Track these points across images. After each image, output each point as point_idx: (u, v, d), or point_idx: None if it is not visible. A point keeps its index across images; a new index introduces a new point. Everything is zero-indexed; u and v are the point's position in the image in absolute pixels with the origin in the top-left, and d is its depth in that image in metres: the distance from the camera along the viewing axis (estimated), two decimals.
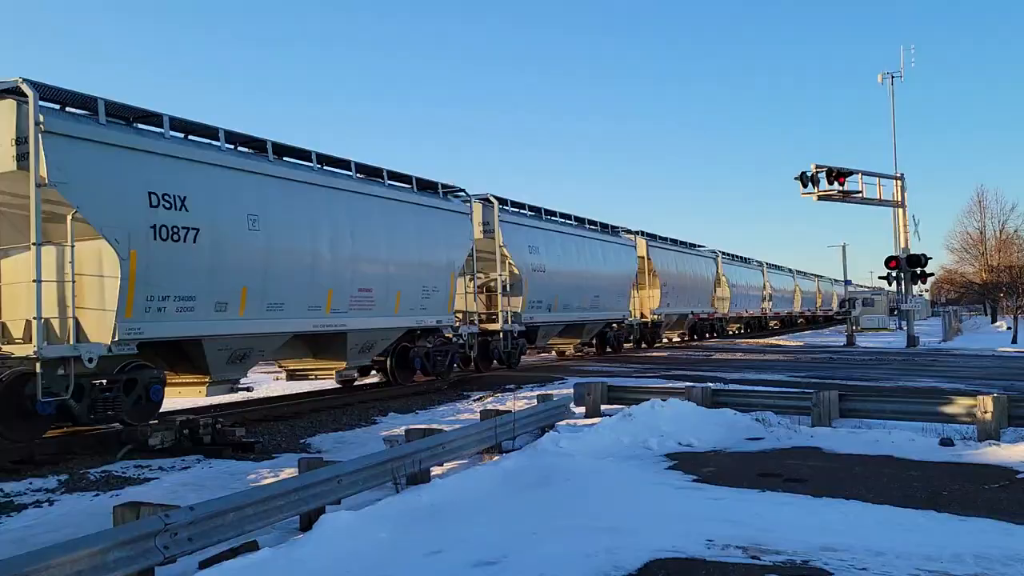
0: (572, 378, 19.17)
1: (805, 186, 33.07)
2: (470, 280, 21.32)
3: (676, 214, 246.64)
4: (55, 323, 11.06)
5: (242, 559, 6.04)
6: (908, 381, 19.20)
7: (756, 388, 15.96)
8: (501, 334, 22.42)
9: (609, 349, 30.98)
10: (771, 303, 55.98)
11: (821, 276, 79.34)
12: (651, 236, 34.76)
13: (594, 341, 30.34)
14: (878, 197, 35.20)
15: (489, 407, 13.61)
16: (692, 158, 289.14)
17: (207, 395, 13.56)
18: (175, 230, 12.09)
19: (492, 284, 23.02)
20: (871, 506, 7.67)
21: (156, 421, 12.08)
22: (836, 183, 33.32)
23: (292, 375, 17.30)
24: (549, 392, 15.05)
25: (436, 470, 9.40)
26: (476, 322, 21.51)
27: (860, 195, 34.63)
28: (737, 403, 13.37)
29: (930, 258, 34.95)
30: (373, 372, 19.44)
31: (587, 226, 28.87)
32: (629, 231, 33.03)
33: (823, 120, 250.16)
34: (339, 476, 7.44)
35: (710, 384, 15.40)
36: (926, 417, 11.93)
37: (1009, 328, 43.07)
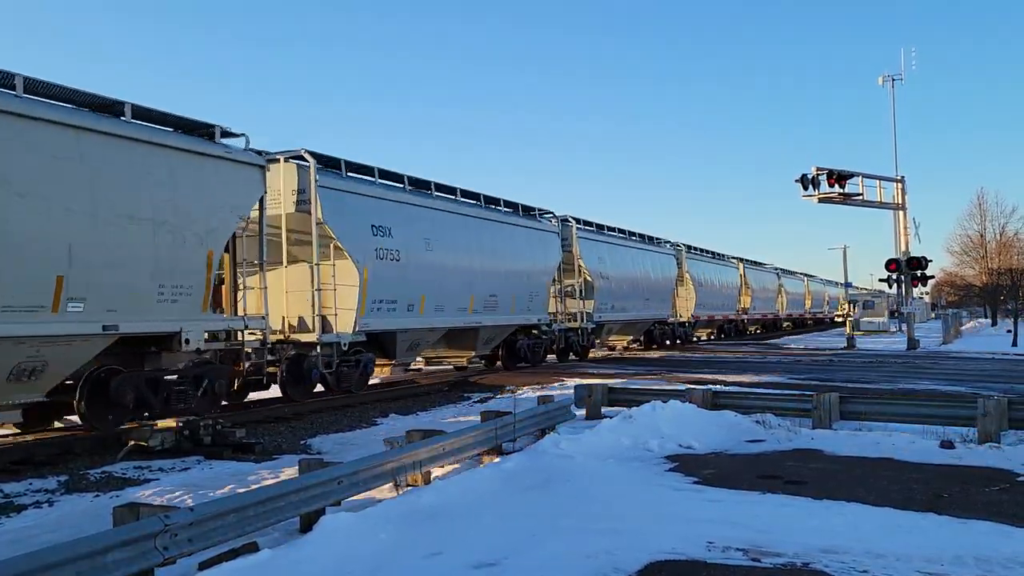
0: (572, 380, 19.17)
1: (806, 188, 33.08)
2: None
3: (674, 214, 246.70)
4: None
5: (242, 560, 6.03)
6: (908, 384, 19.19)
7: (757, 390, 15.96)
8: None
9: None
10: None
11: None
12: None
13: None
14: (879, 199, 35.20)
15: (490, 409, 13.60)
16: (692, 158, 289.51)
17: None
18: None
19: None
20: (872, 508, 7.67)
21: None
22: (837, 185, 33.31)
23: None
24: (550, 394, 15.03)
25: (436, 471, 9.39)
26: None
27: (861, 197, 34.63)
28: (738, 405, 13.37)
29: (930, 261, 34.97)
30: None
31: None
32: (551, 214, 28.80)
33: (823, 121, 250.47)
34: (339, 477, 7.43)
35: (711, 386, 15.40)
36: (926, 420, 11.92)
37: (1009, 331, 43.02)
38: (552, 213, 26.45)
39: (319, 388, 16.88)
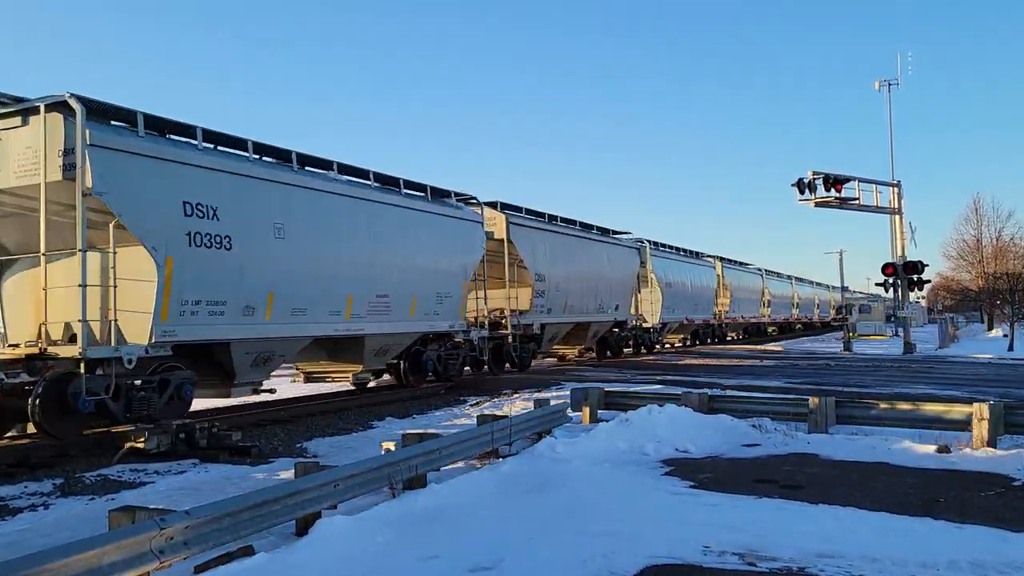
0: (569, 383, 19.18)
1: (802, 192, 33.15)
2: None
3: (673, 216, 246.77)
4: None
5: (237, 564, 6.03)
6: (905, 388, 19.21)
7: (753, 394, 15.96)
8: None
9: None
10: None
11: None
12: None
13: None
14: (875, 204, 35.29)
15: (486, 412, 13.60)
16: (689, 160, 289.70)
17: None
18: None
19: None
20: (867, 513, 7.68)
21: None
22: (833, 190, 33.39)
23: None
24: (546, 397, 15.03)
25: (432, 475, 9.38)
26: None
27: (857, 202, 34.71)
28: (734, 409, 13.38)
29: (927, 265, 35.05)
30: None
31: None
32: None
33: (820, 125, 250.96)
34: (335, 481, 7.42)
35: (707, 390, 15.40)
36: (923, 424, 11.93)
37: (1005, 335, 43.13)
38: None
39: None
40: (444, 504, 8.00)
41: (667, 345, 41.03)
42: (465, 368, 21.75)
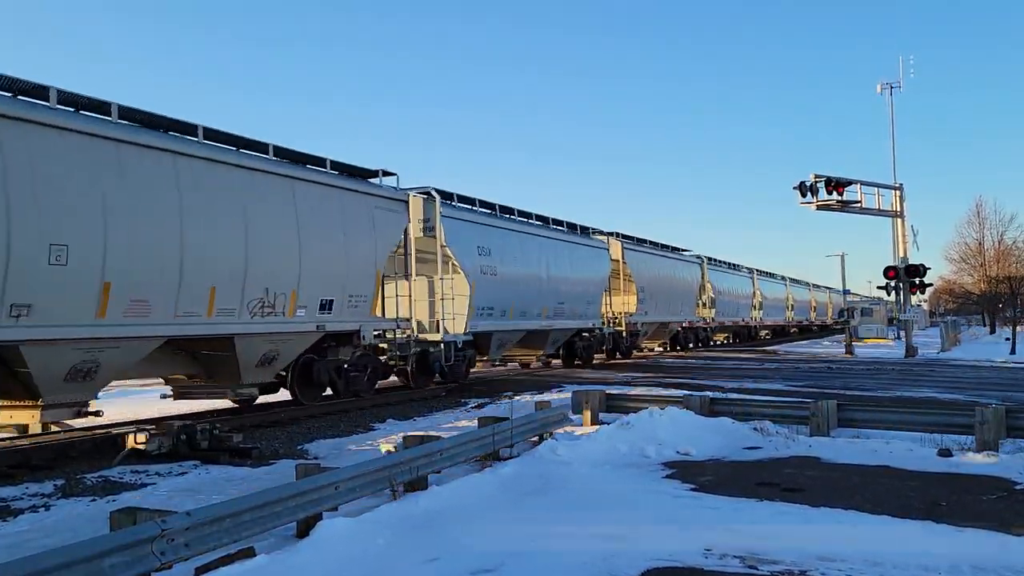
0: (570, 386, 19.19)
1: (804, 195, 33.14)
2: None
3: (673, 218, 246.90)
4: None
5: (238, 565, 6.03)
6: (906, 391, 19.20)
7: (754, 397, 15.97)
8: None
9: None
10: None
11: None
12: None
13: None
14: (877, 207, 35.27)
15: (487, 414, 13.60)
16: (689, 162, 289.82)
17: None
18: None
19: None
20: (869, 516, 7.67)
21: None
22: (835, 193, 33.39)
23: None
24: (547, 400, 15.04)
25: (433, 477, 9.38)
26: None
27: (859, 205, 34.70)
28: (735, 412, 13.36)
29: (929, 268, 35.05)
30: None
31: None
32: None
33: (822, 128, 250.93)
34: (336, 482, 7.43)
35: (708, 393, 15.39)
36: (924, 427, 11.92)
37: (1007, 339, 43.09)
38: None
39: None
40: (445, 506, 8.00)
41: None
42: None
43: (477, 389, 20.24)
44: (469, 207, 22.43)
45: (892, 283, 34.87)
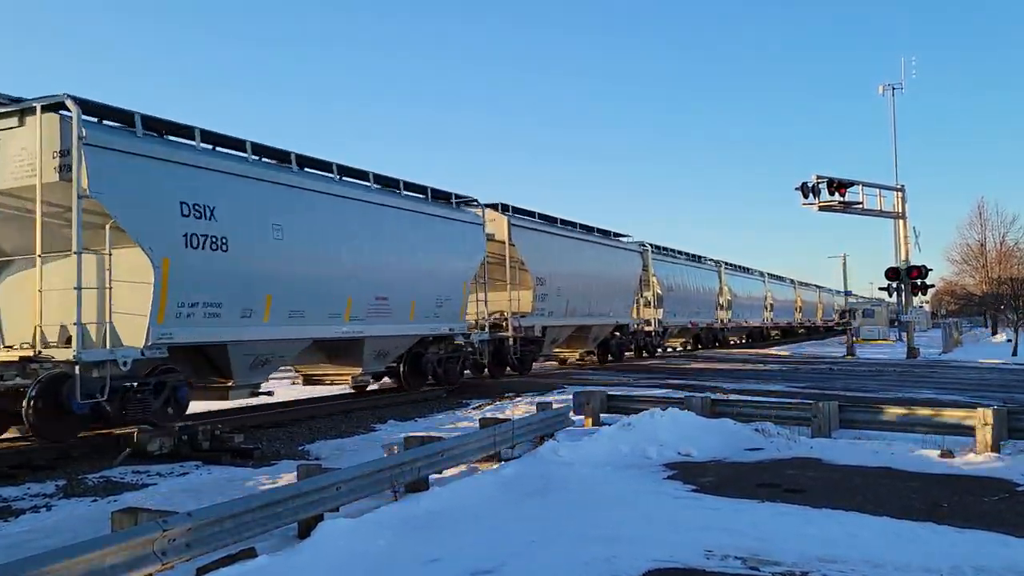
0: (571, 387, 19.16)
1: (806, 196, 33.14)
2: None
3: (674, 221, 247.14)
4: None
5: (240, 566, 6.03)
6: (908, 392, 19.17)
7: (756, 398, 15.95)
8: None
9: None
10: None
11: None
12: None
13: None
14: (879, 208, 35.25)
15: (488, 415, 13.60)
16: (692, 164, 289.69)
17: None
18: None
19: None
20: (870, 517, 7.66)
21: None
22: (837, 194, 33.38)
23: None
24: (548, 400, 15.03)
25: (434, 478, 9.38)
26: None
27: (861, 206, 34.68)
28: (737, 413, 13.36)
29: (930, 269, 34.99)
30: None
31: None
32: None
33: (823, 129, 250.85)
34: (337, 483, 7.43)
35: (709, 394, 15.38)
36: (926, 429, 11.90)
37: (1009, 340, 43.06)
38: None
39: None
40: (446, 507, 8.00)
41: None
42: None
43: (479, 391, 20.23)
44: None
45: (894, 284, 34.85)
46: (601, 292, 28.44)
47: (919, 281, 34.78)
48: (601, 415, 14.14)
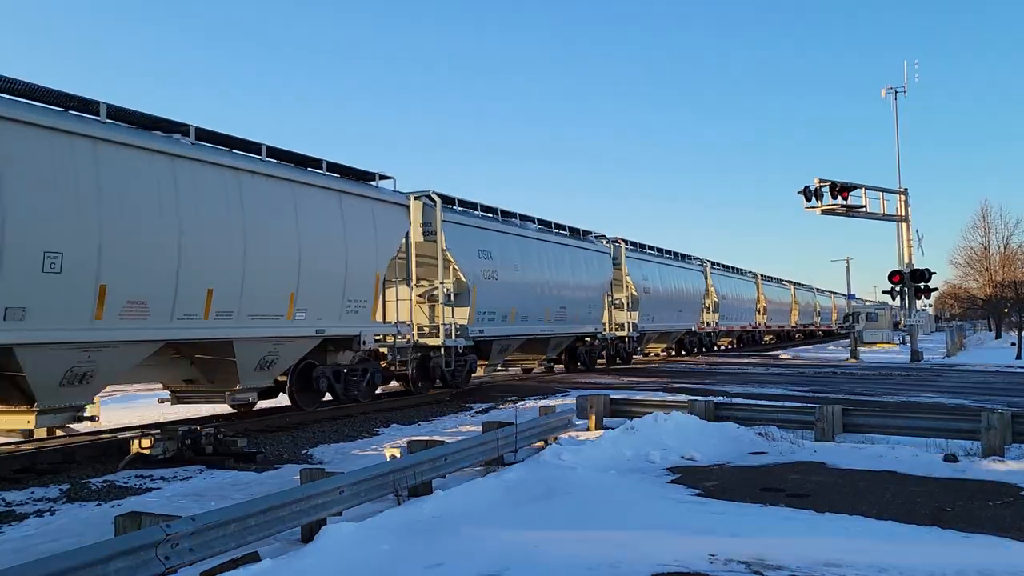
0: (574, 391, 19.16)
1: (808, 200, 33.09)
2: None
3: (676, 227, 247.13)
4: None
5: (243, 570, 6.03)
6: (912, 396, 19.14)
7: (759, 402, 15.92)
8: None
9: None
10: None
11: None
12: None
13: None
14: (882, 212, 35.20)
15: (491, 420, 13.58)
16: (693, 171, 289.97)
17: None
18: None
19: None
20: (874, 522, 7.64)
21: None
22: (839, 197, 33.33)
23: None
24: (551, 404, 15.02)
25: (438, 482, 9.37)
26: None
27: (864, 210, 34.63)
28: (740, 417, 13.33)
29: (934, 273, 34.92)
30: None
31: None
32: (603, 237, 31.01)
33: (826, 133, 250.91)
34: (341, 487, 7.43)
35: (713, 398, 15.37)
36: (930, 433, 11.87)
37: (1013, 344, 42.93)
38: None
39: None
40: (449, 511, 7.98)
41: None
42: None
43: (481, 394, 20.23)
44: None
45: (897, 288, 34.77)
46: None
47: (922, 285, 34.72)
48: (604, 419, 14.11)
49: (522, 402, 18.24)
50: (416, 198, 19.71)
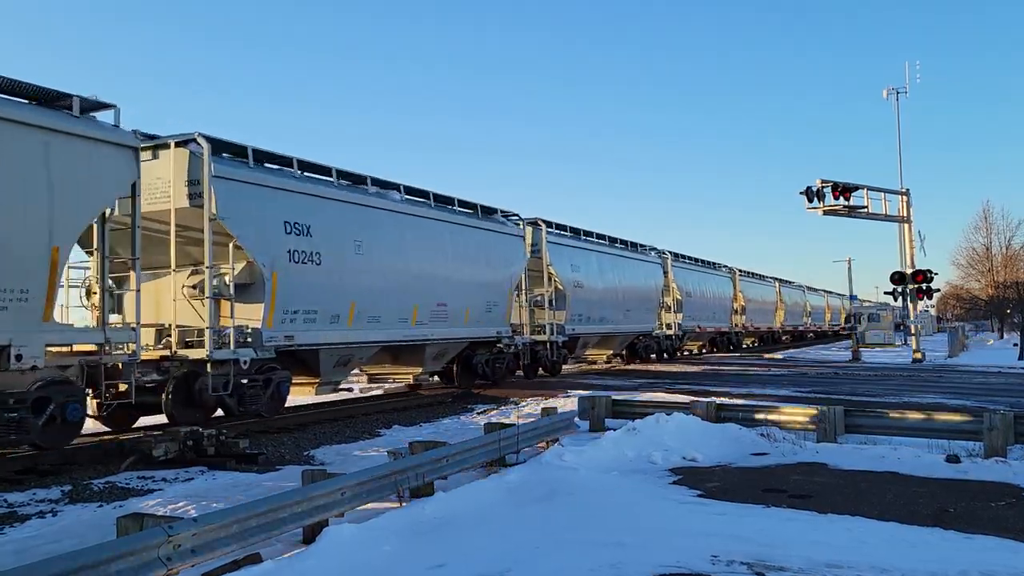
0: (576, 392, 19.15)
1: (811, 201, 33.09)
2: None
3: (677, 227, 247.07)
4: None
5: (245, 571, 6.02)
6: (914, 397, 19.12)
7: (762, 403, 15.90)
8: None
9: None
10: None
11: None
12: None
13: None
14: (884, 212, 35.20)
15: (493, 421, 13.58)
16: (693, 171, 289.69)
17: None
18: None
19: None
20: (876, 523, 7.63)
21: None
22: (841, 198, 33.34)
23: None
24: (553, 406, 15.02)
25: (439, 483, 9.37)
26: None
27: (866, 210, 34.63)
28: (742, 418, 13.32)
29: (936, 274, 34.90)
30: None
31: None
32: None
33: (828, 134, 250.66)
34: (343, 488, 7.43)
35: (715, 399, 15.36)
36: (932, 433, 11.87)
37: (1016, 345, 42.88)
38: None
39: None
40: (451, 513, 7.98)
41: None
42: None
43: (483, 396, 20.22)
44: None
45: (899, 289, 34.75)
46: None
47: (924, 285, 34.69)
48: (606, 420, 14.12)
49: (523, 403, 18.24)
50: (176, 144, 15.07)
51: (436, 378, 22.36)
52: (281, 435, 13.95)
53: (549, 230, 26.04)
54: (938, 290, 38.73)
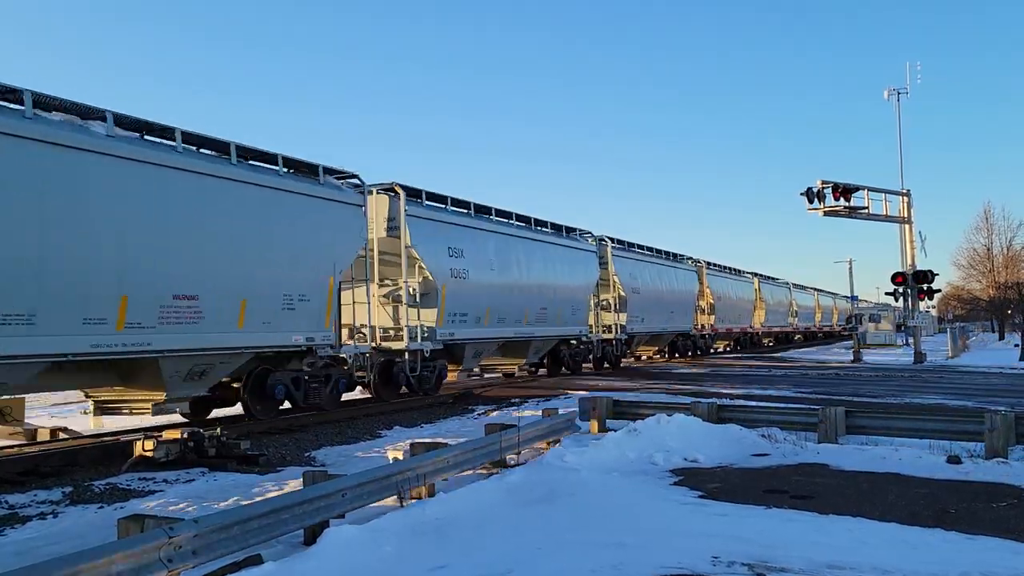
0: (577, 392, 19.15)
1: (811, 201, 33.10)
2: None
3: (675, 227, 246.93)
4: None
5: (246, 573, 6.02)
6: (915, 398, 19.11)
7: (762, 404, 15.91)
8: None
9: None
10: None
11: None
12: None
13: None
14: (884, 213, 35.21)
15: (494, 421, 13.58)
16: (694, 171, 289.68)
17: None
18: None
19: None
20: (877, 523, 7.63)
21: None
22: (842, 199, 33.35)
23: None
24: (554, 407, 15.02)
25: (440, 484, 9.37)
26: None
27: (866, 211, 34.64)
28: (743, 419, 13.31)
29: (937, 274, 34.92)
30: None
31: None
32: (590, 234, 29.07)
33: (829, 134, 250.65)
34: (343, 489, 7.43)
35: (716, 400, 15.35)
36: (933, 434, 11.86)
37: (1017, 345, 42.88)
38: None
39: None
40: (452, 514, 7.98)
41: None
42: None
43: (484, 397, 20.23)
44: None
45: (900, 289, 34.76)
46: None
47: (925, 286, 34.70)
48: (607, 421, 14.11)
49: (525, 404, 18.24)
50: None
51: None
52: (282, 436, 13.96)
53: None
54: (939, 291, 38.77)
